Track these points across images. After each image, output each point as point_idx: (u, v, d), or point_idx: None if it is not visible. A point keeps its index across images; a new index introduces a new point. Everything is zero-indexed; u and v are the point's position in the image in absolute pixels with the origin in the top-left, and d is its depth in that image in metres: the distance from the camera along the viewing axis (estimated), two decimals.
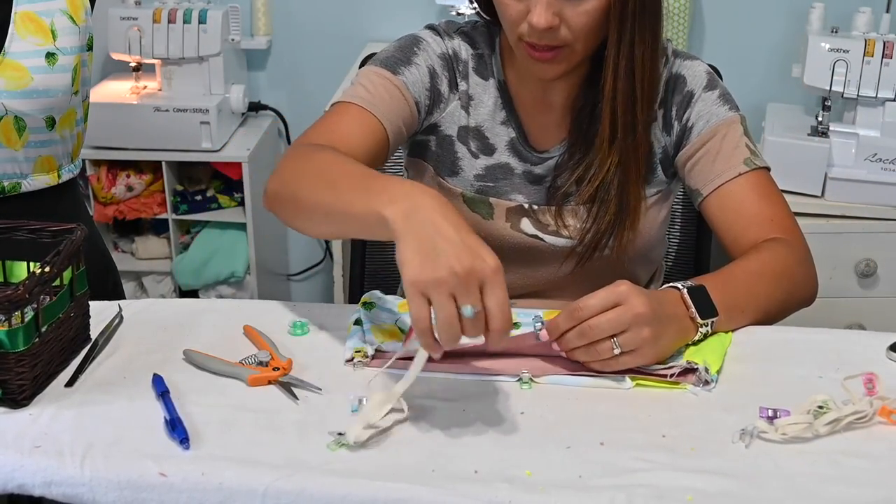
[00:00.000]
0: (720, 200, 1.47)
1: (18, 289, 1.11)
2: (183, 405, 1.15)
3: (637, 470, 1.05)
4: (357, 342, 1.27)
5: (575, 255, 1.51)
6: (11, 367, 1.13)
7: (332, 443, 1.09)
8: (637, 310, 1.17)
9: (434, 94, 1.51)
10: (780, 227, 1.44)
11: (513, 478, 1.03)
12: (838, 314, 2.55)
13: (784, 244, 1.42)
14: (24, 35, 1.61)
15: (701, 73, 1.51)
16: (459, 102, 1.53)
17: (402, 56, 1.50)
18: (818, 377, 1.23)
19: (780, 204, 1.48)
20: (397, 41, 1.54)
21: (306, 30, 3.08)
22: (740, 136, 1.48)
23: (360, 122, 1.43)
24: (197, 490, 1.03)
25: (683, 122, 1.50)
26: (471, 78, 1.53)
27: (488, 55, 1.53)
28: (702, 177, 1.48)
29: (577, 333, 1.19)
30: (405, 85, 1.47)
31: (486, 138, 1.53)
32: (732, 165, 1.46)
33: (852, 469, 1.06)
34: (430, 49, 1.52)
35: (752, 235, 1.43)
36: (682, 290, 1.27)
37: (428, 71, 1.50)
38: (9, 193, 1.65)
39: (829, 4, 2.61)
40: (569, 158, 1.51)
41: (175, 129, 2.79)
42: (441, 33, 1.54)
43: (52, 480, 1.04)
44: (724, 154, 1.47)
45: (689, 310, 1.25)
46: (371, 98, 1.45)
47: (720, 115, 1.49)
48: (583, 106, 1.49)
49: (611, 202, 1.47)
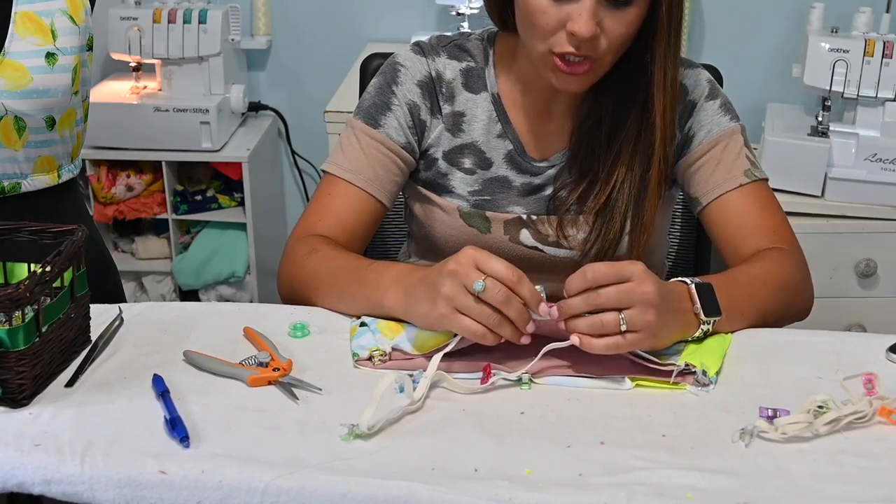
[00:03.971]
0: (720, 210, 1.47)
1: (19, 288, 1.11)
2: (183, 405, 1.15)
3: (637, 469, 1.05)
4: (371, 342, 1.28)
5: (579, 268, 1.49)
6: (11, 366, 1.13)
7: (346, 434, 1.09)
8: (646, 289, 1.18)
9: (419, 126, 1.52)
10: (782, 239, 1.45)
11: (513, 476, 1.03)
12: (838, 314, 2.55)
13: (787, 255, 1.42)
14: (24, 35, 1.61)
15: (702, 82, 1.51)
16: (444, 126, 1.52)
17: (381, 101, 1.51)
18: (818, 378, 1.23)
19: (781, 216, 1.48)
20: (379, 73, 1.54)
21: (306, 30, 3.08)
22: (741, 147, 1.48)
23: (350, 199, 1.50)
24: (197, 488, 1.03)
25: (685, 131, 1.49)
26: (459, 95, 1.52)
27: (481, 68, 1.52)
28: (702, 186, 1.48)
29: (583, 298, 1.19)
30: (388, 137, 1.50)
31: (482, 153, 1.52)
32: (733, 176, 1.46)
33: (852, 468, 1.06)
34: (408, 79, 1.51)
35: (753, 245, 1.44)
36: (689, 285, 1.27)
37: (407, 108, 1.51)
38: (9, 193, 1.65)
39: (829, 4, 2.61)
40: (570, 167, 1.50)
41: (175, 129, 2.79)
42: (426, 52, 1.53)
43: (51, 478, 1.04)
44: (724, 164, 1.47)
45: (694, 305, 1.26)
46: (352, 165, 1.50)
47: (722, 126, 1.49)
48: (587, 116, 1.48)
49: (618, 213, 1.46)
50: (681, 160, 1.50)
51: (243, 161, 2.85)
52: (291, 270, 1.45)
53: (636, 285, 1.18)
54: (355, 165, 1.49)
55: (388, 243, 1.89)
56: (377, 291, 1.31)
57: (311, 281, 1.41)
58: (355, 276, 1.36)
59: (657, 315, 1.18)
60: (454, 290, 1.18)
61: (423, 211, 1.56)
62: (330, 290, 1.38)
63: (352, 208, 1.49)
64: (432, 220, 1.55)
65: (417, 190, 1.56)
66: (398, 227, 1.87)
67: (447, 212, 1.53)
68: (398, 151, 1.50)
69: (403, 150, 1.51)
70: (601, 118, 1.47)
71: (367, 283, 1.33)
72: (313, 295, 1.40)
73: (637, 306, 1.17)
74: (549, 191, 1.52)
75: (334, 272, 1.39)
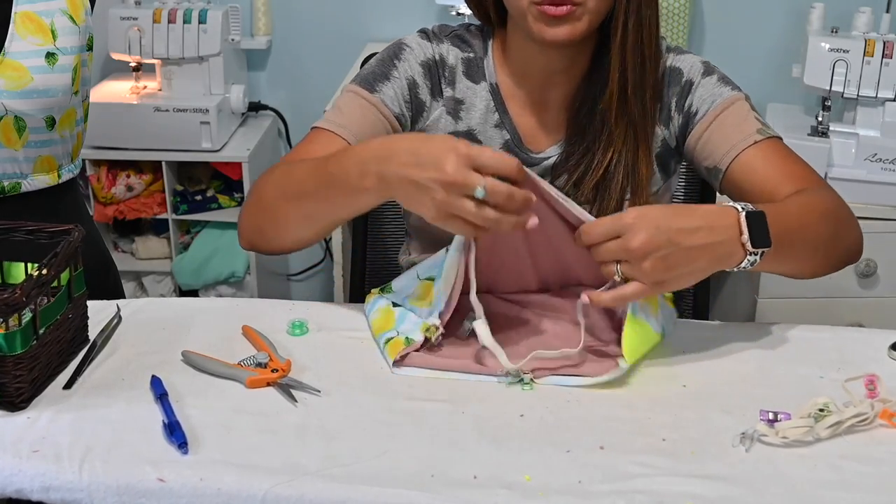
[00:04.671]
0: (742, 170, 1.42)
1: (15, 292, 1.10)
2: (181, 408, 1.15)
3: (637, 475, 1.04)
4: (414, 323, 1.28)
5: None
6: (9, 370, 1.13)
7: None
8: (631, 245, 1.16)
9: (415, 103, 1.51)
10: (814, 184, 1.40)
11: (512, 483, 1.03)
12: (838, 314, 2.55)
13: (827, 190, 1.39)
14: (24, 35, 1.61)
15: (696, 63, 1.50)
16: (445, 108, 1.52)
17: (381, 71, 1.51)
18: (819, 377, 1.22)
19: (806, 165, 1.44)
20: (384, 50, 1.55)
21: (306, 30, 3.07)
22: (748, 110, 1.46)
23: (330, 146, 1.43)
24: (196, 495, 1.03)
25: (685, 109, 1.48)
26: (459, 83, 1.52)
27: (480, 58, 1.53)
28: (717, 152, 1.44)
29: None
30: (382, 102, 1.48)
31: (478, 142, 1.52)
32: (746, 135, 1.43)
33: (853, 474, 1.05)
34: (413, 57, 1.52)
35: (787, 190, 1.38)
36: (740, 213, 1.21)
37: (407, 83, 1.50)
38: (9, 193, 1.65)
39: (829, 4, 2.61)
40: (567, 157, 1.50)
41: (175, 129, 2.78)
42: (430, 37, 1.54)
43: (50, 485, 1.04)
44: (734, 126, 1.44)
45: (741, 235, 1.21)
46: (343, 121, 1.47)
47: (723, 95, 1.47)
48: (581, 103, 1.48)
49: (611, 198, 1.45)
50: (688, 138, 1.48)
51: (243, 161, 2.85)
52: (252, 202, 1.40)
53: (624, 241, 1.17)
54: (343, 121, 1.47)
55: (387, 243, 1.88)
56: (348, 184, 1.24)
57: (276, 201, 1.35)
58: (320, 176, 1.29)
59: (654, 262, 1.16)
60: (450, 198, 1.14)
61: None
62: (298, 204, 1.32)
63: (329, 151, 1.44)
64: None
65: None
66: (398, 227, 1.87)
67: None
68: (389, 118, 1.49)
69: (395, 120, 1.49)
70: (593, 105, 1.47)
71: (334, 179, 1.26)
72: (281, 218, 1.35)
73: (630, 260, 1.17)
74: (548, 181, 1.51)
75: (297, 181, 1.33)
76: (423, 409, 1.16)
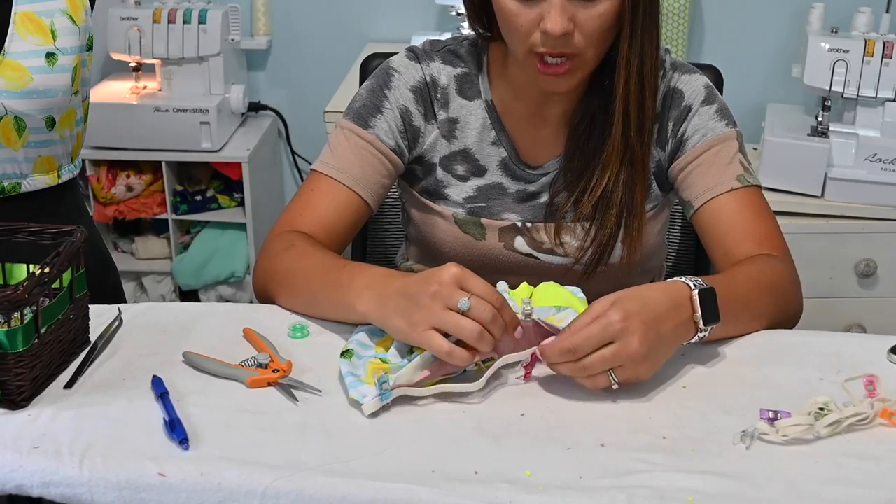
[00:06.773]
0: (712, 213, 1.45)
1: (18, 289, 1.11)
2: (182, 406, 1.15)
3: (637, 471, 1.05)
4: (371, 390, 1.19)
5: (574, 275, 1.49)
6: (10, 367, 1.13)
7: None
8: (632, 349, 1.14)
9: (410, 131, 1.51)
10: (773, 246, 1.42)
11: (513, 479, 1.03)
12: (838, 314, 2.55)
13: (779, 261, 1.41)
14: (24, 35, 1.61)
15: (699, 87, 1.49)
16: (439, 131, 1.51)
17: (373, 103, 1.50)
18: (819, 379, 1.22)
19: (773, 223, 1.46)
20: (372, 77, 1.53)
21: (306, 30, 3.08)
22: (735, 152, 1.46)
23: (334, 197, 1.47)
24: (196, 490, 1.03)
25: (679, 135, 1.48)
26: (453, 101, 1.51)
27: (475, 74, 1.51)
28: (694, 189, 1.47)
29: (569, 368, 1.17)
30: (377, 138, 1.48)
31: (475, 160, 1.51)
32: (725, 180, 1.44)
33: (853, 471, 1.06)
34: (402, 84, 1.50)
35: (744, 251, 1.41)
36: (692, 291, 1.22)
37: (399, 112, 1.49)
38: (9, 194, 1.65)
39: (829, 4, 2.61)
40: (565, 173, 1.49)
41: (175, 129, 2.79)
42: (419, 57, 1.52)
43: (50, 481, 1.04)
44: (717, 168, 1.45)
45: (694, 313, 1.22)
46: (342, 164, 1.48)
47: (717, 130, 1.47)
48: (581, 119, 1.47)
49: (611, 217, 1.45)
50: (674, 164, 1.49)
51: (243, 161, 2.85)
52: (267, 266, 1.42)
53: (621, 347, 1.14)
54: (342, 164, 1.48)
55: (387, 244, 1.89)
56: (349, 295, 1.27)
57: (285, 278, 1.38)
58: (328, 277, 1.32)
59: (649, 362, 1.17)
60: (434, 308, 1.15)
61: (420, 216, 1.56)
62: (302, 289, 1.36)
63: (335, 206, 1.47)
64: (428, 225, 1.55)
65: (415, 196, 1.56)
66: (397, 229, 1.87)
67: (443, 218, 1.52)
68: (387, 153, 1.49)
69: (392, 153, 1.49)
70: (593, 121, 1.46)
71: (339, 285, 1.30)
72: (286, 293, 1.38)
73: (626, 364, 1.15)
74: (545, 198, 1.51)
75: (308, 271, 1.36)
76: (424, 408, 1.16)
